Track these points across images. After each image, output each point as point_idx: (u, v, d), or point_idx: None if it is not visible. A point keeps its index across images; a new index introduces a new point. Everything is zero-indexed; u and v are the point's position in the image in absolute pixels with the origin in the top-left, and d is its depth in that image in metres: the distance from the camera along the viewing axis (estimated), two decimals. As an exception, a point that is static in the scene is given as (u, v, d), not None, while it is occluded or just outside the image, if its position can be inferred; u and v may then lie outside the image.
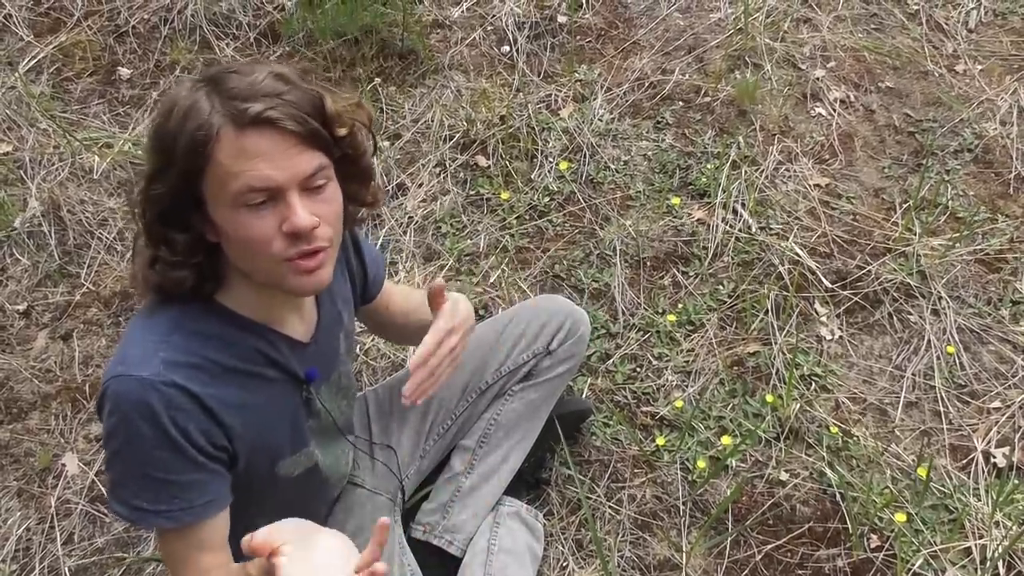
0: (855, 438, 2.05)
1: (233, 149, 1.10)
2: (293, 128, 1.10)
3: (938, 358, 2.19)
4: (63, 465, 2.09)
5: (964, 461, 2.02)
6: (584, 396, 2.16)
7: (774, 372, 2.17)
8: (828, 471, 1.99)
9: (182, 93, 1.13)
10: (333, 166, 1.20)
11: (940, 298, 2.27)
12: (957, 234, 2.39)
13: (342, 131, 1.18)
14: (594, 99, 2.79)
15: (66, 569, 1.93)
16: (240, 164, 1.10)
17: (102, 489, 2.04)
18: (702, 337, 2.25)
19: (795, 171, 2.59)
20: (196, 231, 1.18)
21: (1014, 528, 1.86)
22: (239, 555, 1.29)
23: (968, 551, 1.85)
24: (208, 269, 1.21)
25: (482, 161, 2.67)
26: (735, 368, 2.20)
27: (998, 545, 1.83)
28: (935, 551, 1.84)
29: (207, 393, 1.19)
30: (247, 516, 1.32)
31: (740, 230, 2.44)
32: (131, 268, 1.27)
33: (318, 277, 1.19)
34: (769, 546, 1.90)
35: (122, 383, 1.14)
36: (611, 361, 2.22)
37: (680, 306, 2.32)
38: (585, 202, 2.55)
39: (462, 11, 3.07)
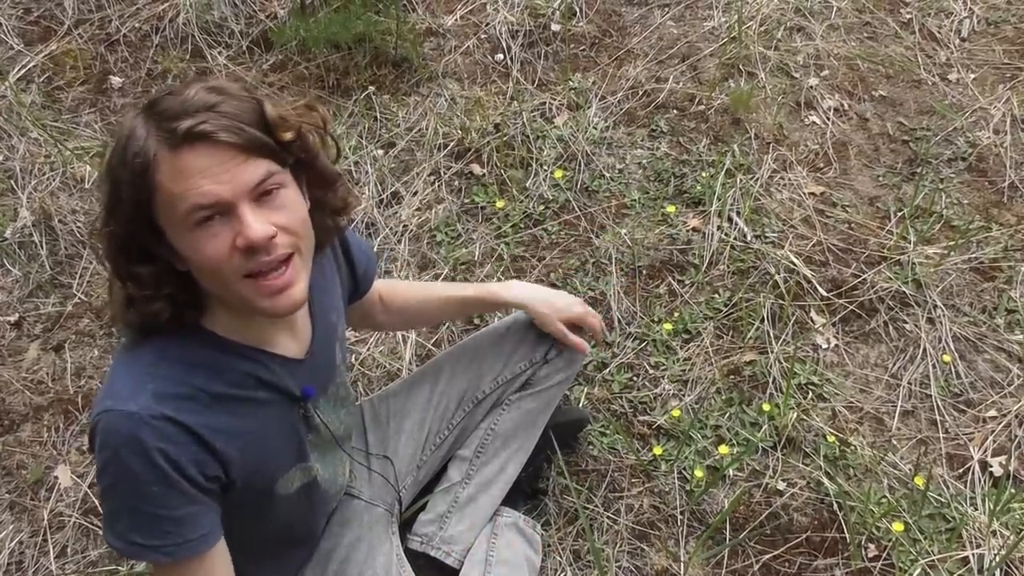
0: (852, 447, 2.05)
1: (172, 171, 1.07)
2: (228, 139, 1.07)
3: (934, 367, 2.19)
4: (56, 477, 2.07)
5: (961, 470, 2.02)
6: (581, 405, 2.15)
7: (771, 381, 2.17)
8: (825, 480, 1.99)
9: (124, 124, 1.11)
10: (289, 173, 1.17)
11: (935, 307, 2.28)
12: (952, 243, 2.40)
13: (288, 135, 1.14)
14: (588, 107, 2.79)
15: (59, 583, 1.92)
16: (181, 184, 1.06)
17: (95, 501, 2.02)
18: (698, 346, 2.25)
19: (790, 179, 2.59)
20: (162, 262, 1.14)
21: (1011, 537, 1.86)
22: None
23: (966, 560, 1.84)
24: (183, 297, 1.18)
25: (477, 169, 2.66)
26: (732, 377, 2.19)
27: (996, 555, 1.83)
28: (933, 561, 1.84)
29: (200, 423, 1.16)
30: (244, 532, 1.30)
31: (735, 239, 2.44)
32: (110, 311, 1.24)
33: (290, 296, 1.16)
34: (767, 556, 1.90)
35: (111, 418, 1.12)
36: (608, 370, 2.21)
37: (676, 315, 2.32)
38: (580, 210, 2.55)
39: (455, 19, 3.07)
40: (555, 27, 3.01)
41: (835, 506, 1.95)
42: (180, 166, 1.06)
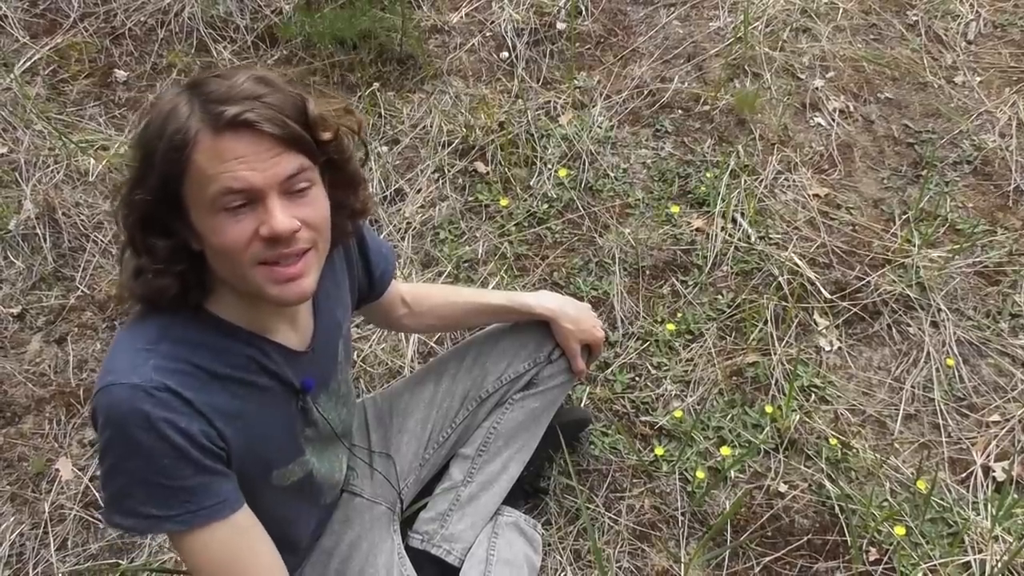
0: (854, 450, 2.05)
1: (211, 152, 1.08)
2: (271, 130, 1.09)
3: (937, 370, 2.18)
4: (57, 470, 2.07)
5: (963, 474, 2.02)
6: (583, 405, 2.15)
7: (773, 383, 2.16)
8: (827, 483, 1.98)
9: (165, 99, 1.13)
10: (318, 170, 1.19)
11: (939, 310, 2.27)
12: (956, 246, 2.39)
13: (326, 135, 1.17)
14: (593, 106, 2.79)
15: (60, 575, 1.92)
16: (217, 167, 1.08)
17: (96, 495, 2.02)
18: (701, 347, 2.25)
19: (794, 181, 2.59)
20: (178, 238, 1.16)
21: (1014, 543, 1.85)
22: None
23: (967, 565, 1.84)
24: (192, 277, 1.19)
25: (481, 167, 2.66)
26: (734, 378, 2.19)
27: (998, 560, 1.82)
28: (934, 565, 1.83)
29: (200, 400, 1.16)
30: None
31: (739, 239, 2.44)
32: (119, 281, 1.25)
33: (300, 286, 1.17)
34: (768, 558, 1.89)
35: (113, 393, 1.12)
36: (610, 370, 2.21)
37: (679, 315, 2.31)
38: (584, 210, 2.54)
39: (461, 17, 3.07)
40: (560, 26, 3.01)
41: (837, 509, 1.95)
42: (219, 149, 1.08)
